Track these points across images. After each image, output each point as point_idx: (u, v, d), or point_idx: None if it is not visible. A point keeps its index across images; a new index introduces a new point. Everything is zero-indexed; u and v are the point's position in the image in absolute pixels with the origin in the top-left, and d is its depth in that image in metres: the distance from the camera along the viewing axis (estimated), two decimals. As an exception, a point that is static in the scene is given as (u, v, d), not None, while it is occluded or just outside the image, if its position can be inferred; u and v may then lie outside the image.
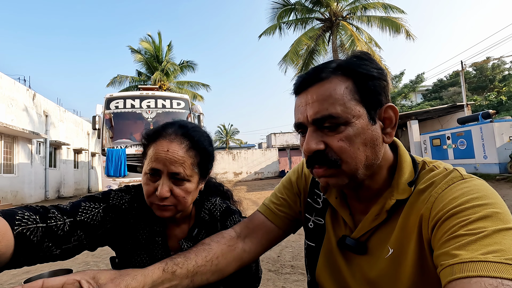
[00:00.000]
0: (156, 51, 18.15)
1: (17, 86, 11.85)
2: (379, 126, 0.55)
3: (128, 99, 8.57)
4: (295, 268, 2.99)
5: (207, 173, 0.86)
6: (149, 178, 0.77)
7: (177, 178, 0.75)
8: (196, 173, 0.79)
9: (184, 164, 0.75)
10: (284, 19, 14.10)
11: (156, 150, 0.76)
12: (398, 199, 0.55)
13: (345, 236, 0.62)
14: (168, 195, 0.73)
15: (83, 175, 18.49)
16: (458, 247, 0.43)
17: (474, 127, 10.93)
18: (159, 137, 0.78)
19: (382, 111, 0.55)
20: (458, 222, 0.45)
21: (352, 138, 0.52)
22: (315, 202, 0.71)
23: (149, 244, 0.83)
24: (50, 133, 14.06)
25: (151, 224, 0.85)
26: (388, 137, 0.56)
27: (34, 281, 0.46)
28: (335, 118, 0.51)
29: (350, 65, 0.54)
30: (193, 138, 0.78)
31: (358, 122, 0.52)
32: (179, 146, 0.76)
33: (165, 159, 0.74)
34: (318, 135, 0.54)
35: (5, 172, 11.02)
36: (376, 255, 0.57)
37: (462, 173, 0.53)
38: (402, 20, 12.77)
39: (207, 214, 0.89)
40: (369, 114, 0.53)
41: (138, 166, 8.04)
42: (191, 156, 0.77)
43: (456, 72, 22.55)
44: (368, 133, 0.53)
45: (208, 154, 0.83)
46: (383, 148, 0.56)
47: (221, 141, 39.17)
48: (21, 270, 3.40)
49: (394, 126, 0.56)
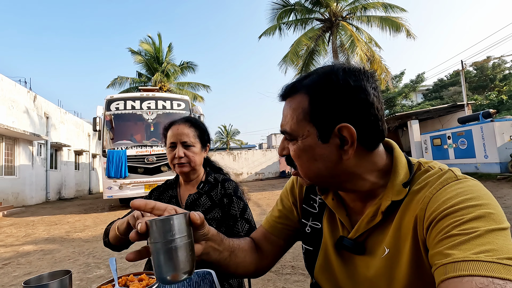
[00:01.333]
0: (156, 52, 18.18)
1: (18, 88, 11.89)
2: (335, 144, 0.55)
3: (128, 100, 8.59)
4: (296, 268, 2.99)
5: (205, 144, 1.27)
6: (170, 149, 1.22)
7: (186, 145, 1.19)
8: (198, 142, 1.23)
9: (189, 135, 1.20)
10: (284, 20, 14.11)
11: (172, 131, 1.22)
12: (393, 200, 0.55)
13: (343, 237, 0.63)
14: (182, 155, 1.18)
15: (84, 176, 18.52)
16: (451, 246, 0.43)
17: (474, 127, 10.91)
18: (172, 125, 1.24)
19: (336, 130, 0.54)
20: (451, 222, 0.45)
21: (299, 153, 0.58)
22: (311, 207, 0.73)
23: (168, 203, 1.14)
24: (51, 135, 14.10)
25: (170, 192, 1.29)
26: (345, 154, 0.55)
27: (147, 200, 0.57)
28: (288, 134, 0.59)
29: (311, 83, 0.57)
30: (191, 120, 1.26)
31: (305, 140, 0.57)
32: (184, 125, 1.22)
33: (177, 134, 1.19)
34: (285, 143, 0.62)
35: (6, 174, 11.04)
36: (373, 255, 0.58)
37: (457, 174, 0.54)
38: (402, 19, 12.77)
39: (212, 179, 1.27)
40: (320, 133, 0.55)
41: (138, 167, 8.06)
42: (193, 131, 1.22)
43: (457, 71, 22.54)
44: (316, 150, 0.56)
45: (203, 130, 1.27)
46: (343, 162, 0.56)
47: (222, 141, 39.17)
48: (22, 272, 3.41)
49: (352, 145, 0.55)
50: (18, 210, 9.78)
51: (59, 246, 4.61)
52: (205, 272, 0.88)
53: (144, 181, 8.02)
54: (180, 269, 0.47)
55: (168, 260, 0.46)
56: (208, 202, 1.19)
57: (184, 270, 0.47)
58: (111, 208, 9.11)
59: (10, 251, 4.47)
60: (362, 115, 0.54)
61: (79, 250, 4.28)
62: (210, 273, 0.88)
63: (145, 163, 8.08)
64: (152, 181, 8.01)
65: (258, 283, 2.64)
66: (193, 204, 1.19)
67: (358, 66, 0.58)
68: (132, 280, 0.77)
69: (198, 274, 0.87)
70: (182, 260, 0.47)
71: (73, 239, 5.09)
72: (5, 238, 5.53)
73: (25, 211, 10.00)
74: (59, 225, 6.67)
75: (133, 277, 0.79)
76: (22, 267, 3.62)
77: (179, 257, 0.46)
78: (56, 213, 9.01)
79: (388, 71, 13.10)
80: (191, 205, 1.19)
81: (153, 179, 8.03)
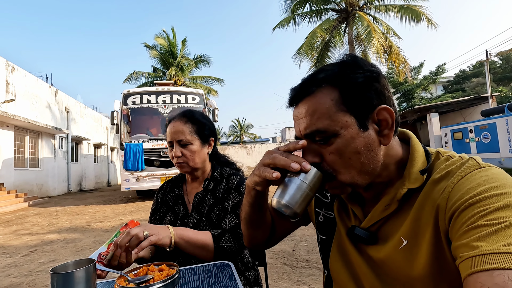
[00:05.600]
0: (171, 46, 18.33)
1: (40, 83, 12.34)
2: (374, 130, 0.54)
3: (144, 94, 8.74)
4: (310, 262, 2.98)
5: (206, 139, 1.17)
6: (169, 149, 1.15)
7: (182, 144, 1.11)
8: (196, 138, 1.13)
9: (184, 133, 1.11)
10: (298, 11, 13.85)
11: (168, 129, 1.14)
12: (410, 188, 0.54)
13: (354, 226, 0.61)
14: (179, 154, 1.10)
15: (103, 169, 19.14)
16: (478, 238, 0.41)
17: (499, 120, 10.43)
18: (170, 122, 1.16)
19: (375, 114, 0.53)
20: (477, 212, 0.43)
21: (342, 149, 0.53)
22: (323, 196, 0.73)
23: (174, 205, 1.19)
24: (71, 129, 14.62)
25: (176, 191, 1.22)
26: (385, 138, 0.54)
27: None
28: (323, 132, 0.53)
29: (335, 75, 0.54)
30: (187, 115, 1.15)
31: (346, 132, 0.52)
32: (180, 122, 1.12)
33: (172, 132, 1.11)
34: (314, 148, 0.56)
35: (30, 166, 11.57)
36: (387, 245, 0.57)
37: (479, 162, 0.51)
38: (422, 7, 12.25)
39: (218, 175, 1.18)
40: (359, 122, 0.53)
41: (154, 160, 8.23)
42: (189, 127, 1.12)
43: (480, 62, 21.50)
44: (360, 140, 0.53)
45: (203, 124, 1.16)
46: (382, 150, 0.55)
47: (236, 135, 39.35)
48: (47, 259, 3.58)
49: (392, 127, 0.54)
50: (42, 200, 10.26)
51: (81, 236, 4.80)
52: (224, 264, 0.89)
53: (160, 173, 8.20)
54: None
55: None
56: (211, 200, 1.11)
57: None
58: (129, 200, 9.39)
59: (36, 239, 4.70)
60: (388, 97, 0.55)
61: (99, 240, 4.44)
62: (229, 264, 0.88)
63: (161, 156, 8.24)
64: (168, 173, 8.18)
65: (273, 276, 2.65)
66: (199, 203, 1.12)
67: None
68: (153, 270, 0.78)
69: (217, 266, 0.87)
70: None
71: (94, 229, 5.29)
72: (31, 227, 5.82)
73: (48, 201, 10.47)
74: (80, 215, 6.95)
75: (153, 267, 0.80)
76: (47, 255, 3.80)
77: None
78: (77, 203, 9.39)
79: (406, 62, 12.66)
80: (198, 205, 1.12)
81: (169, 171, 8.19)
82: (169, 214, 1.16)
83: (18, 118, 9.60)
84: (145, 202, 8.60)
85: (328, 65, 0.57)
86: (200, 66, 19.40)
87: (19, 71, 10.89)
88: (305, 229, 4.09)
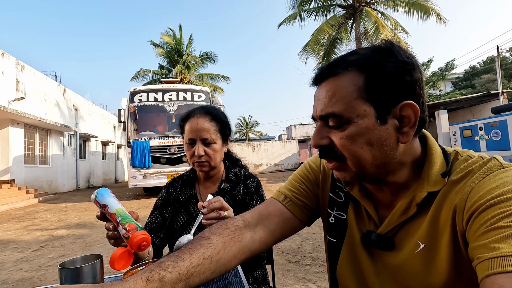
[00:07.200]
0: (177, 44, 18.38)
1: (49, 81, 12.52)
2: (393, 125, 0.51)
3: (151, 92, 8.80)
4: (316, 260, 2.98)
5: (226, 138, 1.14)
6: (188, 145, 1.08)
7: (207, 143, 1.06)
8: (219, 137, 1.09)
9: (209, 131, 1.06)
10: (304, 7, 13.71)
11: (190, 125, 1.07)
12: (430, 191, 0.52)
13: (371, 232, 0.59)
14: (203, 153, 1.05)
15: (111, 166, 19.38)
16: (498, 239, 0.40)
17: (510, 117, 10.20)
18: (190, 117, 1.09)
19: (398, 109, 0.50)
20: (497, 213, 0.42)
21: (354, 137, 0.51)
22: (337, 196, 0.68)
23: (187, 204, 1.14)
24: (79, 126, 14.81)
25: (188, 189, 1.16)
26: (404, 137, 0.51)
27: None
28: (338, 117, 0.51)
29: (365, 60, 0.51)
30: (212, 113, 1.10)
31: (362, 122, 0.50)
32: (205, 119, 1.07)
33: (196, 130, 1.05)
34: (324, 131, 0.55)
35: (40, 163, 11.79)
36: (404, 250, 0.55)
37: (501, 162, 0.49)
38: (431, 2, 12.01)
39: (233, 176, 1.16)
40: (378, 113, 0.50)
41: (161, 157, 8.30)
42: (213, 125, 1.08)
43: (491, 57, 21.01)
44: (374, 133, 0.50)
45: (225, 123, 1.13)
46: (398, 147, 0.52)
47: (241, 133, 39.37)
48: (57, 254, 3.65)
49: (413, 126, 0.50)
50: (51, 196, 10.45)
51: (89, 231, 4.88)
52: None
53: (166, 171, 8.27)
54: None
55: None
56: (230, 202, 1.09)
57: None
58: (136, 197, 9.49)
59: (46, 235, 4.80)
60: (419, 93, 0.51)
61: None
62: None
63: (168, 154, 8.30)
64: (174, 171, 8.24)
65: (278, 273, 2.66)
66: None
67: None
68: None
69: None
70: None
71: (102, 225, 5.36)
72: (41, 222, 5.94)
73: (58, 197, 10.66)
74: (88, 211, 7.07)
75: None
76: (56, 250, 3.88)
77: None
78: (85, 200, 9.53)
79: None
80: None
81: (175, 169, 8.26)
82: (181, 212, 1.13)
83: (28, 116, 9.77)
84: (152, 199, 8.68)
85: (362, 49, 0.54)
86: (206, 63, 19.43)
87: (28, 70, 11.06)
88: (311, 227, 4.09)
